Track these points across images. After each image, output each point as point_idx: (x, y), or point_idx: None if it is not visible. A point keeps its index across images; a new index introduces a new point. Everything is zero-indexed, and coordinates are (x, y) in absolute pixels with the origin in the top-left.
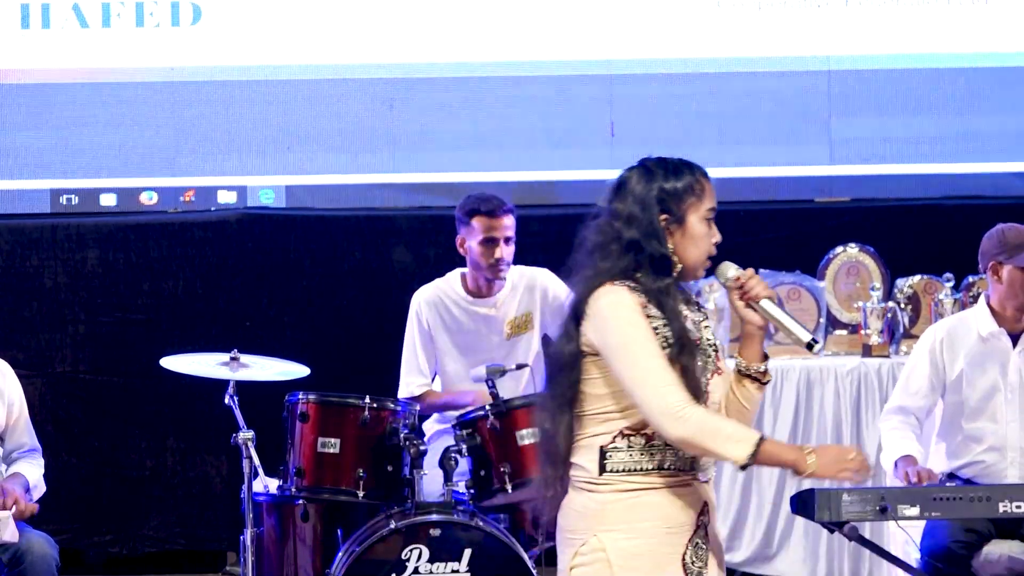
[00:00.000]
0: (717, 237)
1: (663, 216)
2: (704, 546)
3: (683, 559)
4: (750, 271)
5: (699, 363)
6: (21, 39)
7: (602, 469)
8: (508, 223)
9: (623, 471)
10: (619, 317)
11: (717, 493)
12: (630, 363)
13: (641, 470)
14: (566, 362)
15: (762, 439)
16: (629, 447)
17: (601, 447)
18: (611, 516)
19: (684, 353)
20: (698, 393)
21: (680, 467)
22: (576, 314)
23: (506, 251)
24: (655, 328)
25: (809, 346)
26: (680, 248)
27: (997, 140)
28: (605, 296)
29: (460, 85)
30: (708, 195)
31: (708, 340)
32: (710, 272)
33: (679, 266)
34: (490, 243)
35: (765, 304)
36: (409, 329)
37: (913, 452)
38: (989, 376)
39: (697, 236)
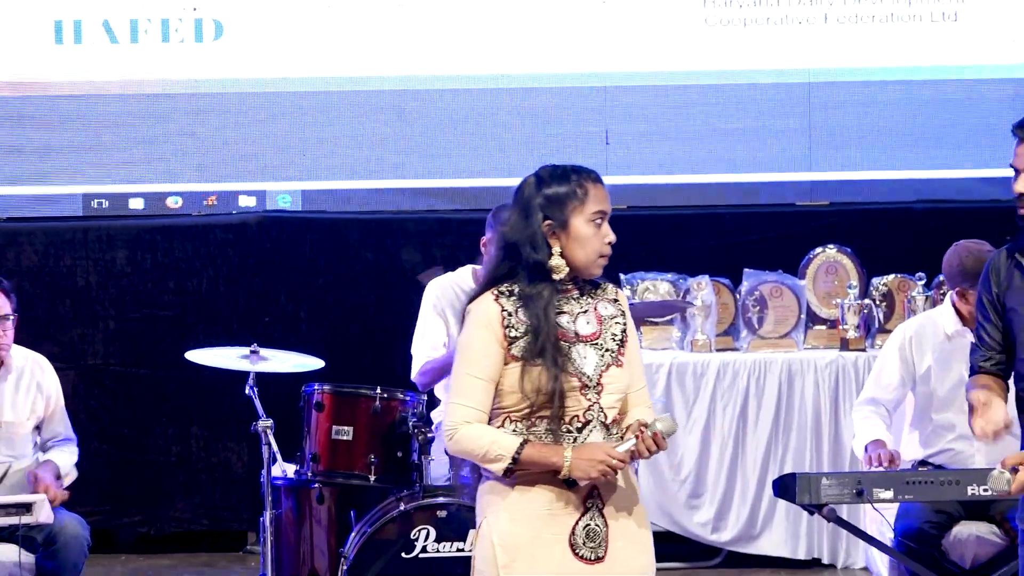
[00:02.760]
0: (610, 237)
1: (547, 222)
2: (600, 528)
3: (570, 540)
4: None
5: (581, 357)
6: (55, 54)
7: None
8: None
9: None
10: (467, 331)
11: (704, 479)
12: (453, 372)
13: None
14: None
15: (521, 448)
16: (514, 432)
17: None
18: (497, 500)
19: (543, 355)
20: (556, 389)
21: None
22: (463, 319)
23: None
24: (515, 337)
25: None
26: (568, 250)
27: (964, 148)
28: (474, 307)
29: (464, 96)
30: (593, 199)
31: (612, 335)
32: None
33: (565, 269)
34: None
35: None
36: (422, 311)
37: (882, 437)
38: (956, 371)
39: (583, 238)
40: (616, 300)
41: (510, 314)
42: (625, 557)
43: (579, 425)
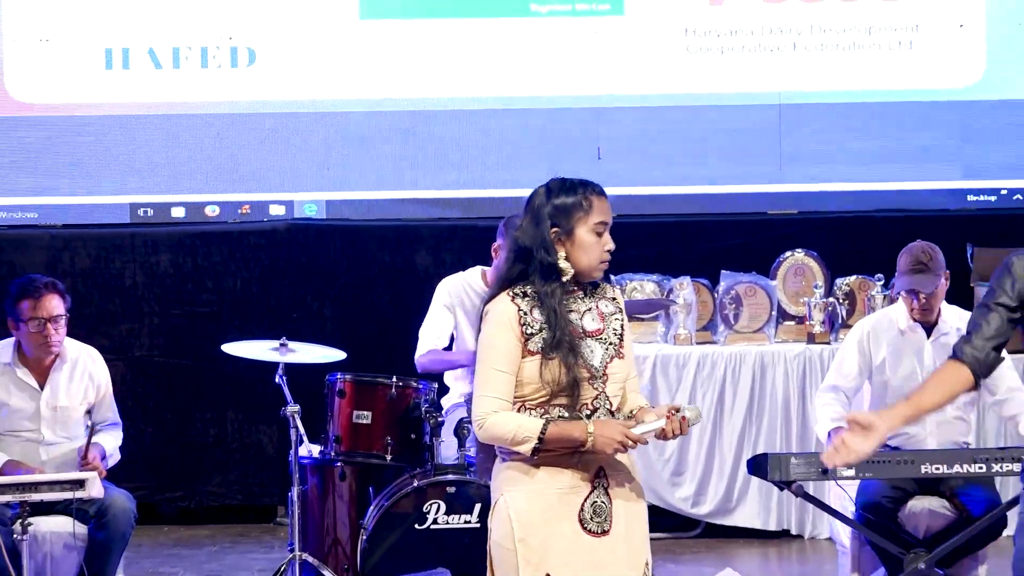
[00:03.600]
0: (610, 245)
1: (554, 229)
2: (606, 504)
3: (579, 515)
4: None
5: (589, 351)
6: (105, 79)
7: None
8: None
9: None
10: (487, 329)
11: (685, 459)
12: (478, 367)
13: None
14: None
15: (545, 428)
16: (558, 419)
17: None
18: (514, 479)
19: (559, 349)
20: (572, 379)
21: None
22: (481, 318)
23: None
24: (531, 333)
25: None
26: (572, 256)
27: (917, 163)
28: (492, 307)
29: (471, 116)
30: (597, 210)
31: (613, 330)
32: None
33: (571, 271)
34: None
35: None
36: (433, 304)
37: (843, 422)
38: (907, 362)
39: (586, 245)
40: (614, 299)
41: (525, 313)
42: (627, 530)
43: (588, 412)
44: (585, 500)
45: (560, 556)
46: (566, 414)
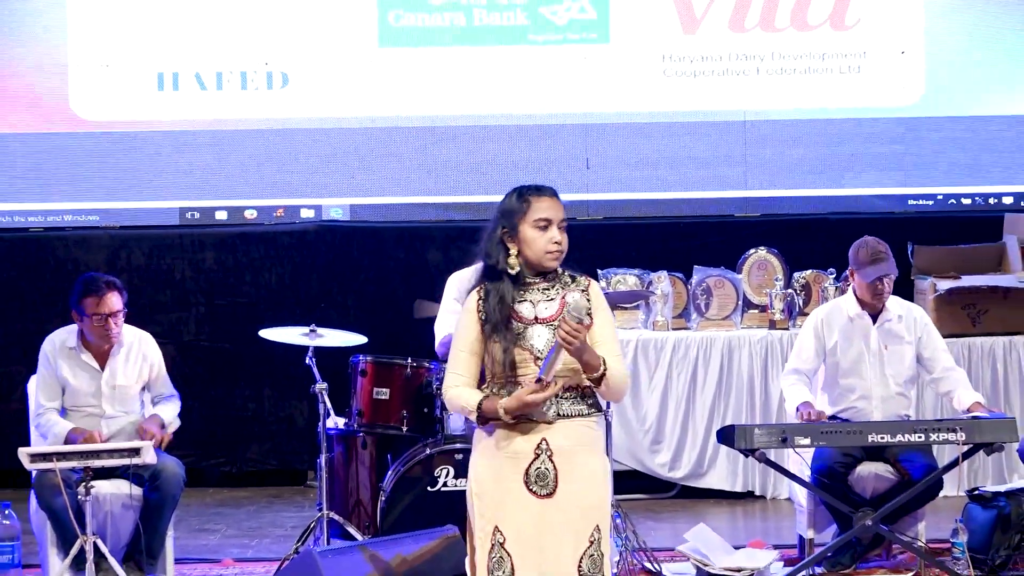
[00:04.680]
0: (556, 238)
1: (504, 230)
2: (549, 470)
3: (524, 478)
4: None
5: (535, 335)
6: (157, 99)
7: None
8: None
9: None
10: (459, 316)
11: (663, 429)
12: (451, 347)
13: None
14: None
15: (481, 402)
16: (492, 394)
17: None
18: (477, 443)
19: (495, 334)
20: (505, 361)
21: None
22: None
23: None
24: (484, 320)
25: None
26: (522, 251)
27: (865, 172)
28: (466, 299)
29: (476, 132)
30: (535, 210)
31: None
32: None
33: (518, 266)
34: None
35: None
36: (444, 297)
37: (809, 399)
38: (856, 345)
39: (529, 240)
40: (585, 290)
41: (484, 302)
42: (576, 496)
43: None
44: (530, 465)
45: (509, 511)
46: (510, 390)
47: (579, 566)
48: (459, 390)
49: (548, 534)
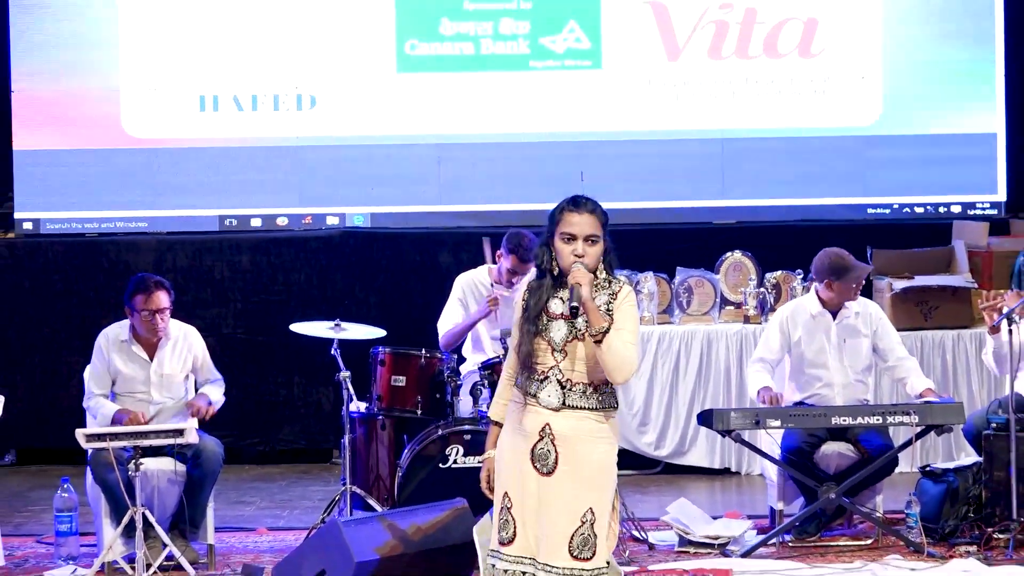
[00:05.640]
0: (576, 250)
1: (548, 236)
2: (551, 452)
3: (531, 456)
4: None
5: (555, 329)
6: (200, 119)
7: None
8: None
9: (516, 389)
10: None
11: (649, 412)
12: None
13: (518, 389)
14: None
15: (492, 420)
16: (520, 374)
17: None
18: (506, 422)
19: (526, 323)
20: (526, 350)
21: (526, 391)
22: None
23: (521, 269)
24: (523, 308)
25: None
26: (555, 256)
27: (829, 183)
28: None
29: (482, 148)
30: (563, 224)
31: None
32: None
33: (555, 269)
34: (512, 272)
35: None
36: (450, 299)
37: (769, 384)
38: (819, 340)
39: (558, 249)
40: (615, 293)
41: (529, 295)
42: (572, 478)
43: (540, 379)
44: (535, 445)
45: (516, 482)
46: (528, 374)
47: (570, 542)
48: (500, 383)
49: (546, 508)
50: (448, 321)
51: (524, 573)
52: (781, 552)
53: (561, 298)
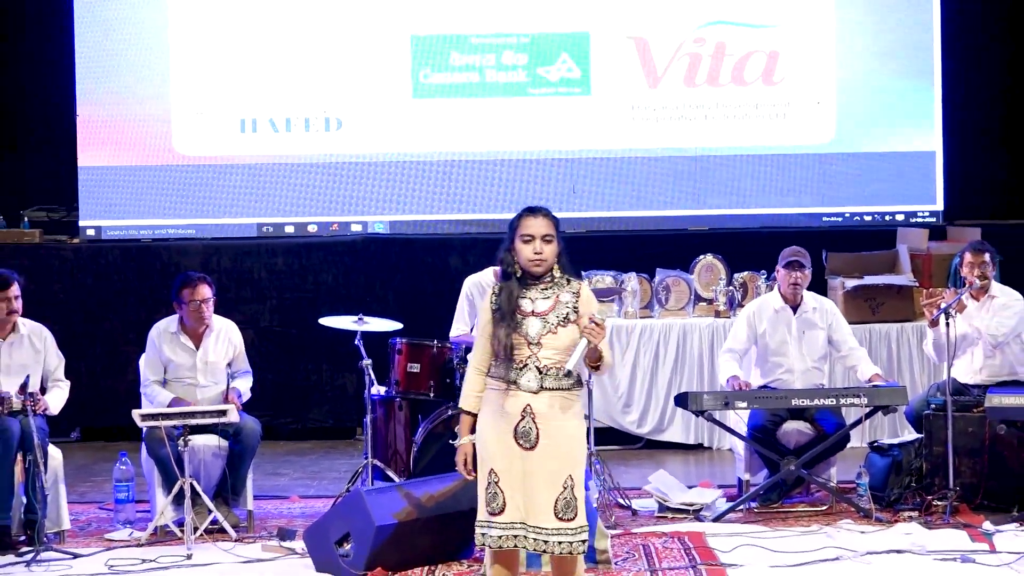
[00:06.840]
0: (535, 248)
1: (510, 241)
2: (532, 430)
3: (514, 433)
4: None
5: (528, 325)
6: (240, 139)
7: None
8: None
9: (492, 378)
10: (480, 313)
11: (632, 394)
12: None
13: (494, 379)
14: None
15: (464, 411)
16: (496, 365)
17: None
18: (484, 407)
19: (499, 323)
20: (506, 344)
21: (507, 379)
22: None
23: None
24: (494, 310)
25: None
26: (516, 258)
27: (791, 195)
28: (484, 299)
29: (487, 164)
30: (522, 226)
31: (560, 313)
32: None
33: (519, 270)
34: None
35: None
36: (460, 298)
37: (737, 372)
38: (781, 332)
39: (518, 250)
40: (576, 292)
41: (497, 297)
42: (553, 452)
43: (520, 367)
44: (517, 424)
45: (501, 458)
46: (506, 365)
47: (555, 505)
48: (468, 378)
49: (530, 478)
50: (460, 322)
51: (516, 536)
52: (747, 517)
53: (538, 297)
